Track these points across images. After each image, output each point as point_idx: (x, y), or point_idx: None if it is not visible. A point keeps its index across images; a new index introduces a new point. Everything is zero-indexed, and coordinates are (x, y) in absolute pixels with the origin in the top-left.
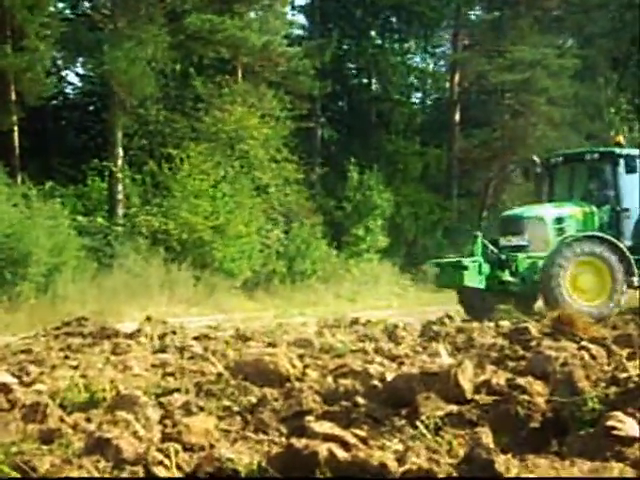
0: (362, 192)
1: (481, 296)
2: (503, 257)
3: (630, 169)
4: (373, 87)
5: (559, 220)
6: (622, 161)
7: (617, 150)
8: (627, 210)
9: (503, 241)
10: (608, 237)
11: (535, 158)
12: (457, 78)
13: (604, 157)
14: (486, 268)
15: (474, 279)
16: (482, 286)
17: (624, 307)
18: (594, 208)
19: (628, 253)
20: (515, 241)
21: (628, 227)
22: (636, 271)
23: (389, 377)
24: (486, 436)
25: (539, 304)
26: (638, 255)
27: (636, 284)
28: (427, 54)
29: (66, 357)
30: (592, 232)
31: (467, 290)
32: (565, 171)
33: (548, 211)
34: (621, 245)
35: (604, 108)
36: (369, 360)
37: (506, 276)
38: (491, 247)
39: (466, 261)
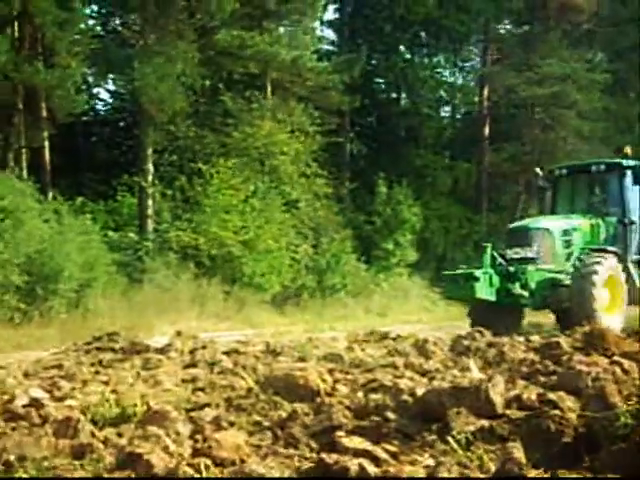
0: (391, 206)
1: (493, 310)
2: (512, 269)
3: (637, 181)
4: (402, 101)
5: (566, 232)
6: (629, 172)
7: (624, 162)
8: (633, 222)
9: (510, 253)
10: (618, 251)
11: (538, 170)
12: (486, 92)
13: (611, 169)
14: (496, 280)
15: (485, 291)
16: (493, 298)
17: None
18: (599, 220)
19: (632, 267)
20: (523, 253)
21: (634, 240)
22: None
23: (419, 392)
24: (517, 451)
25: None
26: None
27: None
28: (456, 68)
29: (97, 372)
30: (606, 246)
31: (480, 303)
32: (569, 183)
33: (555, 223)
34: (627, 259)
35: (635, 122)
36: (399, 375)
37: (517, 289)
38: (499, 259)
39: (478, 272)
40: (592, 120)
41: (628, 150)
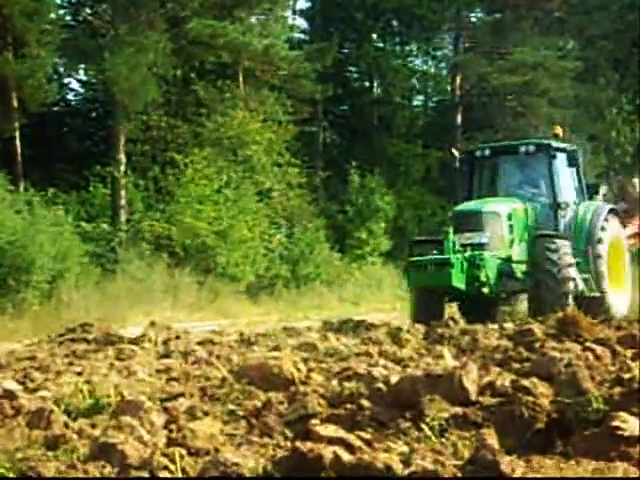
0: (364, 195)
1: (436, 300)
2: (467, 255)
3: (568, 163)
4: (375, 90)
5: (510, 216)
6: (560, 154)
7: (554, 143)
8: (566, 206)
9: (460, 238)
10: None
11: (454, 152)
12: (458, 80)
13: (541, 150)
14: (465, 267)
15: (459, 279)
16: (463, 287)
17: None
18: (528, 204)
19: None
20: (476, 239)
21: (563, 224)
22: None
23: (393, 380)
24: (491, 437)
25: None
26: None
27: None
28: (428, 57)
29: (70, 363)
30: (556, 232)
31: (425, 293)
32: (492, 164)
33: (501, 207)
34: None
35: (605, 109)
36: (373, 363)
37: (483, 276)
38: (458, 245)
39: (453, 258)
40: (563, 107)
41: (559, 131)
